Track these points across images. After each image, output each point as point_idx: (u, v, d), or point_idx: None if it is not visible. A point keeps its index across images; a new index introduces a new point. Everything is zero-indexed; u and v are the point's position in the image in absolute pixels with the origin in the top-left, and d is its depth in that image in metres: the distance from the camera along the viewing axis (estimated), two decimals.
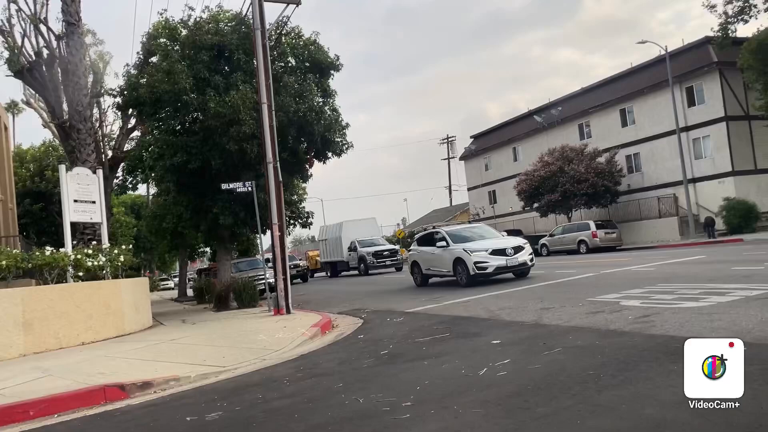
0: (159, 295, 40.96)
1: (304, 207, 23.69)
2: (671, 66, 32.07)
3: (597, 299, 9.88)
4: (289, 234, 28.05)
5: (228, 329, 12.01)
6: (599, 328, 7.26)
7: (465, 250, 15.83)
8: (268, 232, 14.86)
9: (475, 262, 15.33)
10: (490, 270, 15.30)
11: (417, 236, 20.05)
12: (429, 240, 18.19)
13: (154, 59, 18.62)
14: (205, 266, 40.57)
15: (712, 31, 28.93)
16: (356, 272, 35.33)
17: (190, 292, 31.42)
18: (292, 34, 18.79)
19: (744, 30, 32.04)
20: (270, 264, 15.92)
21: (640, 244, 32.53)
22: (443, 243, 16.95)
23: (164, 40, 18.55)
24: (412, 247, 19.54)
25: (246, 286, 17.45)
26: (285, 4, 15.13)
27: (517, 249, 15.68)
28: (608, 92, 39.92)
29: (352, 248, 35.63)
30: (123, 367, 8.08)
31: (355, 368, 6.85)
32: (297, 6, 14.96)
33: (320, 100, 18.59)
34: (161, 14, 18.69)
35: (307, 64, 18.64)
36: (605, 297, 9.99)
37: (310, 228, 24.89)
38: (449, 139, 65.58)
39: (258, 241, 22.76)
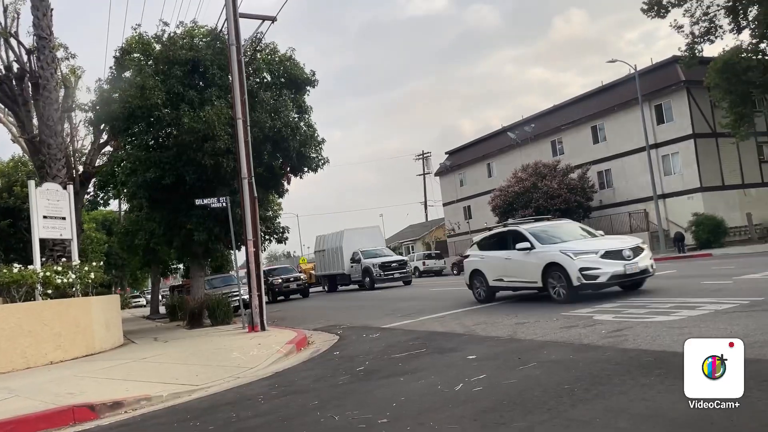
0: (131, 312, 40.20)
1: (279, 222, 23.52)
2: (640, 84, 32.81)
3: (571, 314, 9.97)
4: (264, 250, 27.79)
5: (201, 347, 11.83)
6: (573, 343, 7.32)
7: (564, 253, 11.85)
8: (243, 248, 14.73)
9: (581, 269, 11.43)
10: (603, 279, 11.43)
11: (478, 239, 15.71)
12: (500, 242, 14.15)
13: (127, 74, 18.45)
14: (178, 283, 39.99)
15: (680, 50, 29.74)
16: (357, 286, 32.41)
17: (162, 310, 30.90)
18: (268, 50, 18.82)
19: (710, 50, 33.05)
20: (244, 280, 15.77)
21: None
22: (525, 244, 12.78)
23: (138, 54, 18.41)
24: (471, 253, 15.23)
25: (220, 303, 17.22)
26: (260, 21, 15.17)
27: (636, 251, 11.83)
28: (580, 110, 40.66)
29: (355, 259, 32.10)
30: (93, 386, 7.89)
31: (331, 385, 6.80)
32: (272, 22, 15.01)
33: (296, 115, 18.58)
34: (135, 29, 18.51)
35: (283, 80, 18.66)
36: (579, 311, 10.09)
37: (285, 243, 24.63)
38: (425, 155, 66.14)
39: (233, 257, 22.55)
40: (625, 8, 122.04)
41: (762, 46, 27.33)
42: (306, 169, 19.03)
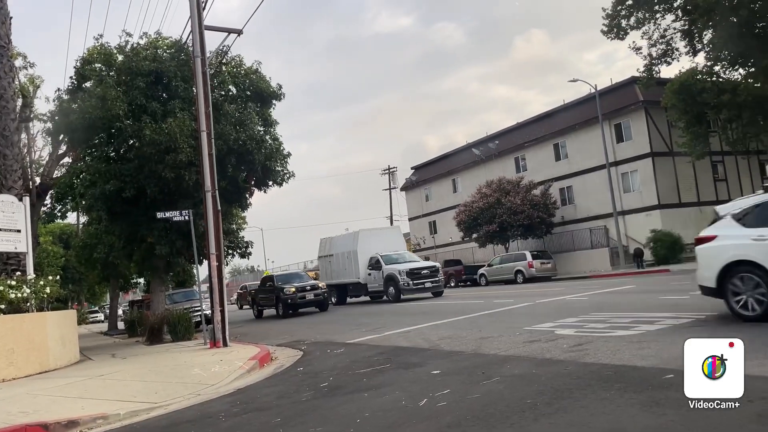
0: (88, 328, 39.10)
1: (243, 236, 23.27)
2: (600, 104, 33.66)
3: (533, 328, 10.08)
4: (228, 264, 27.31)
5: (161, 363, 11.56)
6: (536, 357, 7.39)
7: None
8: (206, 262, 14.51)
9: None
10: None
11: (736, 208, 8.84)
12: None
13: (87, 84, 18.12)
14: (137, 298, 39.10)
15: (638, 71, 30.64)
16: (369, 298, 27.56)
17: (121, 325, 30.14)
18: (233, 63, 18.72)
19: (667, 71, 34.16)
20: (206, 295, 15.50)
21: (573, 273, 33.55)
22: None
23: (99, 65, 18.10)
24: (722, 232, 8.74)
25: (181, 319, 16.89)
26: (226, 33, 15.09)
27: None
28: (542, 127, 41.47)
29: (374, 266, 26.24)
30: (47, 405, 7.63)
31: (294, 402, 6.71)
32: (238, 35, 14.95)
33: (261, 128, 18.50)
34: (97, 39, 18.20)
35: (249, 93, 18.57)
36: (541, 326, 10.21)
37: (248, 258, 24.23)
38: (390, 170, 66.22)
39: (195, 271, 22.17)
40: (584, 29, 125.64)
41: (716, 68, 28.37)
42: (271, 182, 18.94)
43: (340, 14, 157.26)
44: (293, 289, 23.87)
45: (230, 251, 21.78)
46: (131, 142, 17.63)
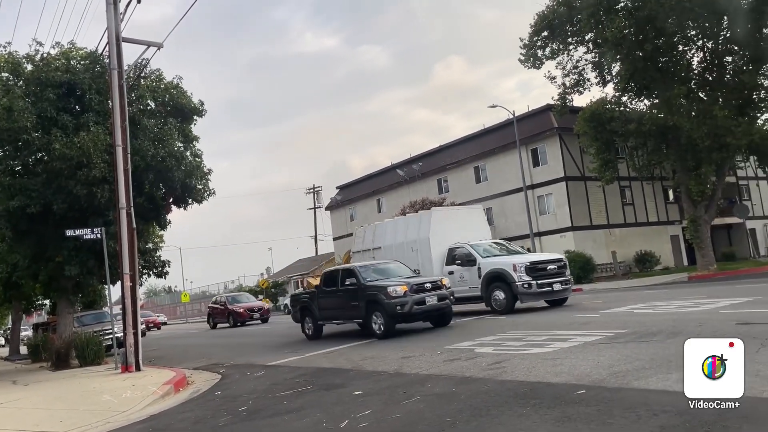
0: None
1: (159, 256, 22.40)
2: (518, 129, 34.98)
3: (454, 347, 10.25)
4: (142, 284, 26.15)
5: (67, 390, 10.92)
6: (455, 375, 7.51)
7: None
8: (119, 283, 13.87)
9: None
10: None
11: None
12: None
13: None
14: (43, 320, 36.73)
15: (553, 99, 32.15)
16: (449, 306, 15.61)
17: (24, 350, 28.26)
18: (153, 77, 18.16)
19: (580, 100, 36.07)
20: (119, 317, 14.78)
21: None
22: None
23: (6, 74, 17.10)
24: None
25: (90, 342, 16.05)
26: (146, 46, 14.65)
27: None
28: (464, 151, 42.62)
29: (462, 259, 17.69)
30: None
31: (211, 427, 6.50)
32: (158, 49, 14.53)
33: (181, 144, 17.98)
34: (4, 48, 17.22)
35: (169, 108, 18.02)
36: (462, 344, 10.40)
37: (165, 278, 23.27)
38: (315, 189, 66.01)
39: (107, 292, 21.13)
40: (501, 58, 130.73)
41: (624, 99, 30.19)
42: (191, 200, 18.38)
43: (263, 33, 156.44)
44: (403, 289, 13.62)
45: (146, 271, 20.93)
46: (39, 155, 16.71)
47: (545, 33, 29.88)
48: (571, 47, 30.12)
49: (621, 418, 4.64)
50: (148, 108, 18.07)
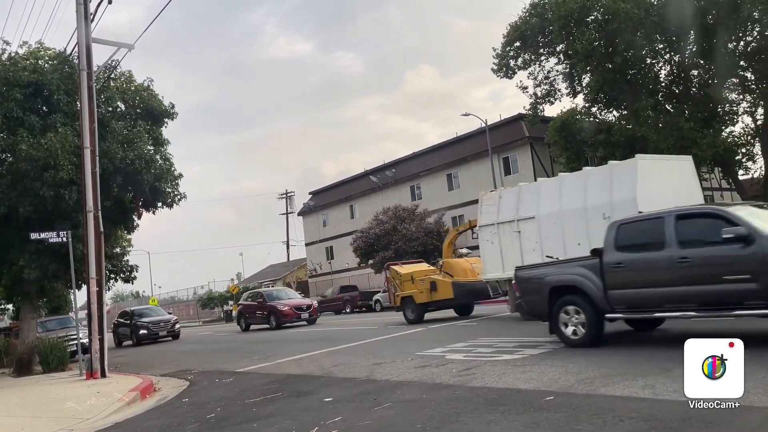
0: None
1: (127, 260, 22.02)
2: (490, 138, 35.35)
3: (425, 353, 10.26)
4: (109, 289, 25.58)
5: (29, 397, 10.64)
6: (426, 382, 7.52)
7: None
8: (85, 287, 13.59)
9: None
10: None
11: None
12: None
13: None
14: (5, 325, 35.76)
15: (525, 109, 32.54)
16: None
17: None
18: (123, 78, 17.90)
19: (551, 110, 36.50)
20: (84, 322, 14.46)
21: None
22: None
23: None
24: None
25: (54, 347, 15.63)
26: (116, 48, 14.44)
27: None
28: (437, 158, 42.89)
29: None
30: None
31: None
32: (129, 50, 14.34)
33: (151, 148, 17.70)
34: None
35: (139, 111, 17.75)
36: (433, 351, 10.42)
37: (133, 283, 22.81)
38: (288, 195, 65.69)
39: (72, 296, 20.66)
40: (473, 68, 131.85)
41: (593, 109, 30.70)
42: (161, 204, 18.10)
43: (236, 38, 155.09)
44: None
45: (113, 275, 20.56)
46: (3, 156, 16.33)
47: (518, 43, 30.25)
48: (542, 58, 30.53)
49: (588, 424, 4.70)
50: (118, 110, 17.80)
